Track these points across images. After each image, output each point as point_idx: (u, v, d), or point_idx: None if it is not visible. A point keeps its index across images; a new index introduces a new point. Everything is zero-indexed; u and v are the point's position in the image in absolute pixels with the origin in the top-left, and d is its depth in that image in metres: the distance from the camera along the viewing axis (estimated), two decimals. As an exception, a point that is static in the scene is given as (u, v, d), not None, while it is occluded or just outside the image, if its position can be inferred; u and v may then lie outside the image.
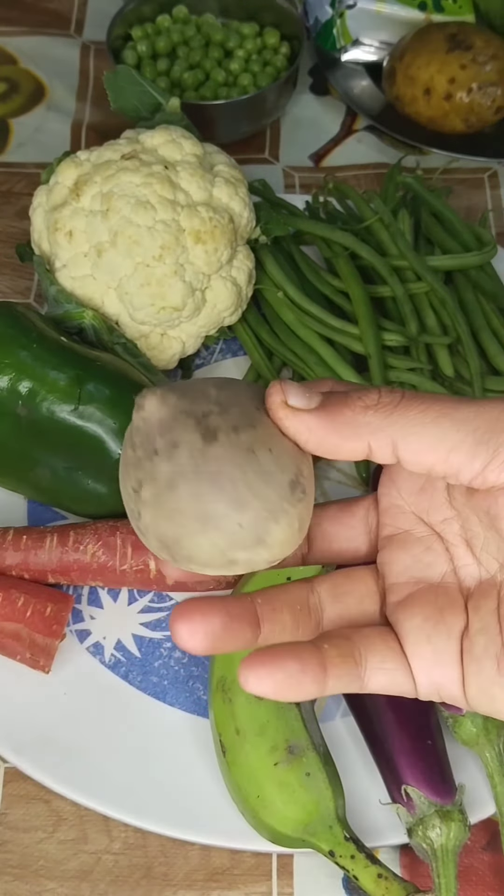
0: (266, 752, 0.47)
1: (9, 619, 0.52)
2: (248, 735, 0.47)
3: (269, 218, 0.66)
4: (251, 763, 0.47)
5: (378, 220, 0.69)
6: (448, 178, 0.79)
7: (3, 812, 0.52)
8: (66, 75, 0.88)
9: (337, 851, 0.45)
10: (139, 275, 0.58)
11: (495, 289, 0.67)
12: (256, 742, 0.47)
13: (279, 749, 0.47)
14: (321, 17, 0.85)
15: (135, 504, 0.36)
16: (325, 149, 0.83)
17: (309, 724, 0.48)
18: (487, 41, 0.77)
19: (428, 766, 0.48)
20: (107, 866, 0.50)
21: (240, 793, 0.48)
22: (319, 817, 0.46)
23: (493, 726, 0.49)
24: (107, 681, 0.54)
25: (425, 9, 0.84)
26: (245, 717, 0.47)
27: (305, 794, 0.46)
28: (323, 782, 0.46)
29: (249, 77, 0.79)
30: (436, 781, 0.47)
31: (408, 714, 0.49)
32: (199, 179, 0.59)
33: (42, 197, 0.63)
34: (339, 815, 0.46)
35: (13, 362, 0.54)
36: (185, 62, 0.80)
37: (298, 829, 0.46)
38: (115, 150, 0.61)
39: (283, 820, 0.46)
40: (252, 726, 0.47)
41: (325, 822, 0.46)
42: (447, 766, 0.49)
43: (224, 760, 0.48)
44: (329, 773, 0.47)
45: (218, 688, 0.49)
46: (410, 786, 0.47)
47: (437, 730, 0.50)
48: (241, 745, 0.47)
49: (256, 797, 0.47)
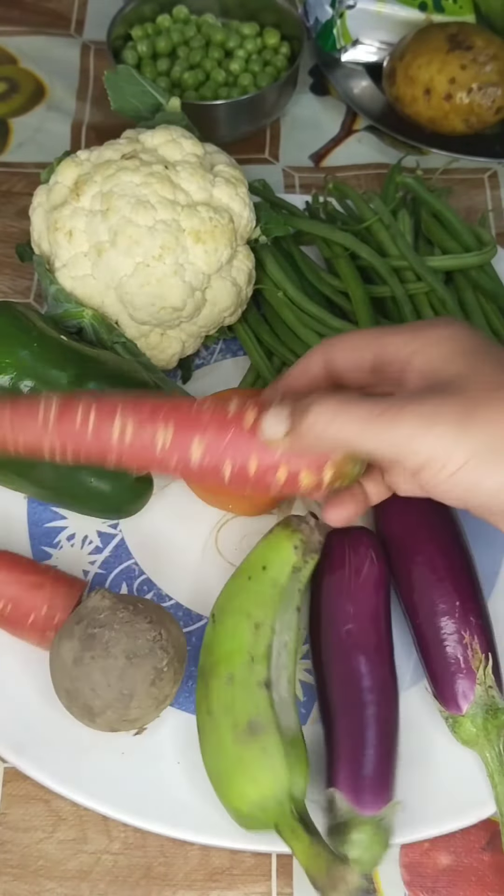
0: (228, 729, 0.47)
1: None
2: (217, 714, 0.48)
3: (269, 218, 0.66)
4: (215, 739, 0.47)
5: (378, 220, 0.69)
6: (448, 178, 0.79)
7: (3, 812, 0.52)
8: (67, 75, 0.88)
9: (280, 824, 0.45)
10: (139, 274, 0.58)
11: (495, 289, 0.67)
12: (222, 720, 0.47)
13: (240, 726, 0.47)
14: (321, 17, 0.85)
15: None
16: (325, 149, 0.83)
17: (279, 707, 0.48)
18: (488, 41, 0.77)
19: (355, 770, 0.48)
20: (106, 866, 0.50)
21: (209, 772, 0.48)
22: (272, 793, 0.46)
23: (493, 727, 0.49)
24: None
25: (425, 9, 0.84)
26: (215, 698, 0.48)
27: (259, 770, 0.46)
28: (279, 760, 0.46)
29: (250, 77, 0.79)
30: (361, 789, 0.47)
31: (358, 720, 0.49)
32: (200, 179, 0.59)
33: (42, 196, 0.63)
34: (294, 794, 0.46)
35: (14, 361, 0.54)
36: (185, 62, 0.80)
37: (253, 805, 0.46)
38: (116, 149, 0.61)
39: (240, 796, 0.46)
40: (220, 706, 0.48)
41: (277, 797, 0.46)
42: (384, 779, 0.48)
43: (201, 744, 0.49)
44: (290, 753, 0.47)
45: (200, 676, 0.50)
46: (336, 788, 0.47)
47: (388, 740, 0.49)
48: (211, 725, 0.48)
49: (218, 772, 0.47)
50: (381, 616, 0.52)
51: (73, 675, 0.48)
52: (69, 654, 0.49)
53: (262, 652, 0.49)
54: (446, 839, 0.51)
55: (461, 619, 0.51)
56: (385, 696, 0.50)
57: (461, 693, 0.50)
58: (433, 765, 0.51)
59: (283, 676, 0.49)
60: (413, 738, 0.52)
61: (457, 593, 0.52)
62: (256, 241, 0.66)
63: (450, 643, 0.50)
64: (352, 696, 0.50)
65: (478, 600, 0.52)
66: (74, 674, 0.48)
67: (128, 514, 0.59)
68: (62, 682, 0.49)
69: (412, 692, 0.53)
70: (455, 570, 0.53)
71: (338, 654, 0.51)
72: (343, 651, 0.51)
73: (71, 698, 0.49)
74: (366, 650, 0.51)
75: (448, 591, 0.52)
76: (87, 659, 0.48)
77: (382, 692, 0.50)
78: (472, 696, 0.49)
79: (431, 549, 0.53)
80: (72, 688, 0.49)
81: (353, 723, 0.49)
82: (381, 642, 0.51)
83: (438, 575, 0.52)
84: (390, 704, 0.50)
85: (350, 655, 0.50)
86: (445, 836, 0.50)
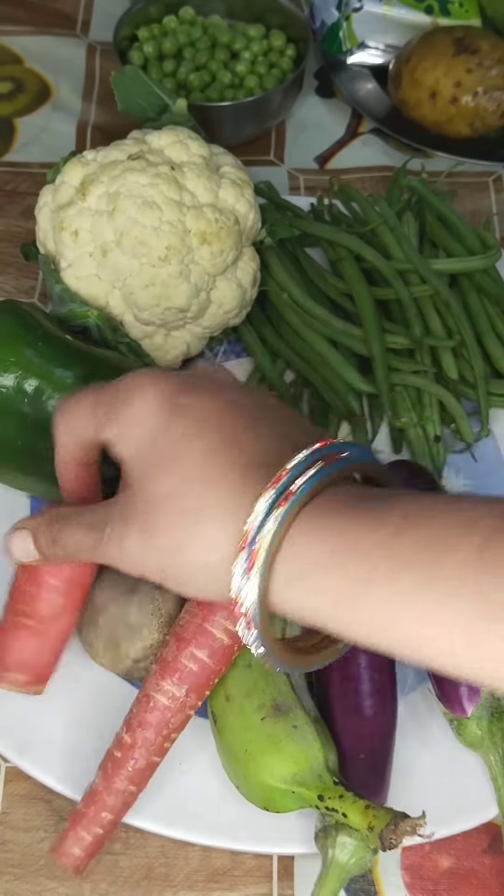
0: (253, 710, 0.47)
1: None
2: (237, 698, 0.48)
3: (275, 220, 0.66)
4: (239, 722, 0.48)
5: (383, 222, 0.69)
6: (453, 181, 0.79)
7: (4, 812, 0.52)
8: (72, 75, 0.88)
9: (325, 794, 0.45)
10: (144, 275, 0.58)
11: (499, 292, 0.67)
12: (244, 703, 0.48)
13: (266, 706, 0.47)
14: (327, 19, 0.85)
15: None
16: (331, 151, 0.83)
17: (298, 690, 0.49)
18: (493, 45, 0.77)
19: (347, 775, 0.48)
20: (107, 866, 0.50)
21: (230, 754, 0.48)
22: (309, 767, 0.46)
23: (498, 729, 0.49)
24: (108, 680, 0.54)
25: (431, 12, 0.84)
26: (234, 684, 0.49)
27: (293, 745, 0.46)
28: (311, 734, 0.47)
29: (255, 79, 0.79)
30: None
31: (355, 725, 0.49)
32: (206, 181, 0.60)
33: (48, 196, 0.63)
34: (330, 767, 0.47)
35: (19, 360, 0.54)
36: (191, 63, 0.80)
37: (287, 779, 0.46)
38: (122, 150, 0.61)
39: (271, 771, 0.46)
40: (240, 690, 0.48)
41: (315, 770, 0.46)
42: (377, 785, 0.48)
43: (216, 731, 0.49)
44: (319, 729, 0.47)
45: None
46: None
47: (384, 747, 0.49)
48: (230, 709, 0.48)
49: (245, 752, 0.47)
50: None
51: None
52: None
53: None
54: (447, 842, 0.50)
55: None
56: (383, 702, 0.50)
57: (466, 696, 0.49)
58: (434, 767, 0.51)
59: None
60: (415, 740, 0.52)
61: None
62: (261, 242, 0.66)
63: (455, 645, 0.50)
64: (350, 700, 0.50)
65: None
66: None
67: (131, 514, 0.59)
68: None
69: (415, 694, 0.53)
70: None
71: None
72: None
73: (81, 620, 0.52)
74: (367, 653, 0.50)
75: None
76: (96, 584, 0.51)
77: (381, 698, 0.50)
78: (478, 698, 0.49)
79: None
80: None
81: (349, 727, 0.49)
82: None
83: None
84: (388, 711, 0.50)
85: (350, 658, 0.50)
86: (447, 838, 0.50)
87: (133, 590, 0.51)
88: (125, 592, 0.51)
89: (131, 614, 0.51)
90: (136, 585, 0.51)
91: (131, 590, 0.51)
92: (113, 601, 0.51)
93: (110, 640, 0.51)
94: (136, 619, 0.51)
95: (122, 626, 0.51)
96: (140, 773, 0.47)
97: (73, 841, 0.47)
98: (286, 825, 0.49)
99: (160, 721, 0.47)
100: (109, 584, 0.52)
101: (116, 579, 0.52)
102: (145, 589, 0.51)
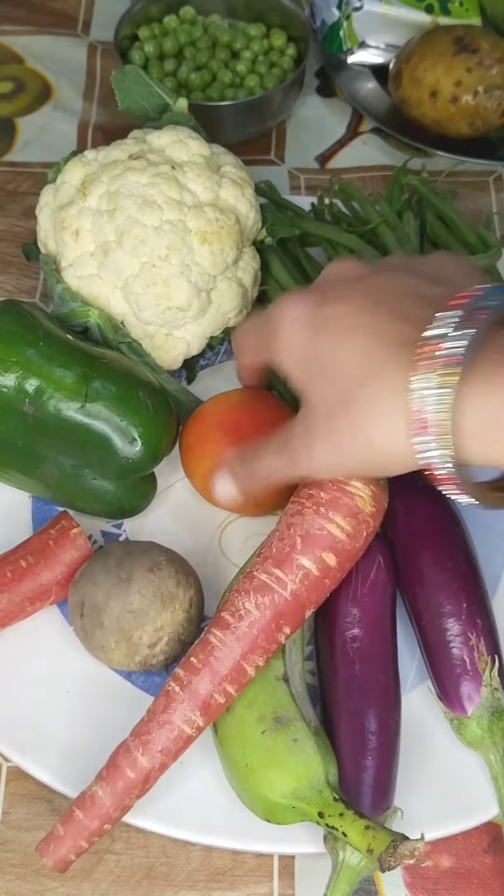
0: (254, 722, 0.47)
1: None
2: (237, 709, 0.48)
3: (275, 219, 0.66)
4: (239, 734, 0.47)
5: (383, 222, 0.69)
6: (453, 180, 0.79)
7: (6, 811, 0.52)
8: (73, 75, 0.88)
9: (326, 812, 0.45)
10: (145, 275, 0.58)
11: (500, 292, 0.67)
12: (244, 714, 0.48)
13: (267, 719, 0.47)
14: (328, 19, 0.85)
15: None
16: (331, 150, 0.83)
17: (299, 701, 0.48)
18: (494, 44, 0.77)
19: (354, 776, 0.48)
20: (108, 866, 0.50)
21: (231, 766, 0.48)
22: (308, 782, 0.46)
23: (499, 729, 0.49)
24: (109, 680, 0.54)
25: (432, 11, 0.84)
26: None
27: (293, 759, 0.46)
28: (311, 748, 0.46)
29: (256, 78, 0.79)
30: (359, 795, 0.47)
31: (360, 726, 0.49)
32: (206, 180, 0.60)
33: (49, 196, 0.63)
34: (330, 781, 0.46)
35: (20, 360, 0.54)
36: (191, 63, 0.80)
37: (287, 794, 0.46)
38: (123, 149, 0.61)
39: (271, 786, 0.46)
40: (241, 701, 0.48)
41: (315, 786, 0.46)
42: (383, 786, 0.48)
43: (217, 740, 0.49)
44: (319, 742, 0.47)
45: None
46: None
47: (389, 747, 0.49)
48: (231, 720, 0.48)
49: (245, 766, 0.47)
50: (387, 621, 0.52)
51: (78, 585, 0.53)
52: (76, 586, 0.53)
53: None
54: (448, 841, 0.50)
55: (467, 620, 0.51)
56: (387, 703, 0.50)
57: (466, 695, 0.50)
58: (435, 766, 0.51)
59: (296, 671, 0.50)
60: (415, 739, 0.52)
61: (464, 595, 0.52)
62: (262, 242, 0.66)
63: (456, 645, 0.50)
64: (354, 701, 0.50)
65: (484, 602, 0.52)
66: (79, 584, 0.53)
67: (132, 513, 0.59)
68: (72, 599, 0.53)
69: (415, 693, 0.53)
70: (462, 572, 0.53)
71: (341, 658, 0.51)
72: (347, 655, 0.51)
73: (80, 609, 0.52)
74: (370, 655, 0.51)
75: (455, 593, 0.52)
76: (88, 569, 0.53)
77: (384, 698, 0.50)
78: (478, 698, 0.49)
79: (438, 550, 0.53)
80: (76, 598, 0.52)
81: (354, 728, 0.49)
82: (386, 648, 0.51)
83: (445, 576, 0.52)
84: (392, 711, 0.50)
85: (354, 660, 0.50)
86: (447, 838, 0.50)
87: (128, 578, 0.51)
88: (120, 583, 0.51)
89: (133, 602, 0.51)
90: (129, 573, 0.51)
91: (126, 579, 0.51)
92: (111, 596, 0.51)
93: (120, 634, 0.51)
94: (139, 605, 0.51)
95: (127, 616, 0.51)
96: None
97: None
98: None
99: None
100: (102, 580, 0.52)
101: (108, 574, 0.52)
102: (139, 573, 0.51)
